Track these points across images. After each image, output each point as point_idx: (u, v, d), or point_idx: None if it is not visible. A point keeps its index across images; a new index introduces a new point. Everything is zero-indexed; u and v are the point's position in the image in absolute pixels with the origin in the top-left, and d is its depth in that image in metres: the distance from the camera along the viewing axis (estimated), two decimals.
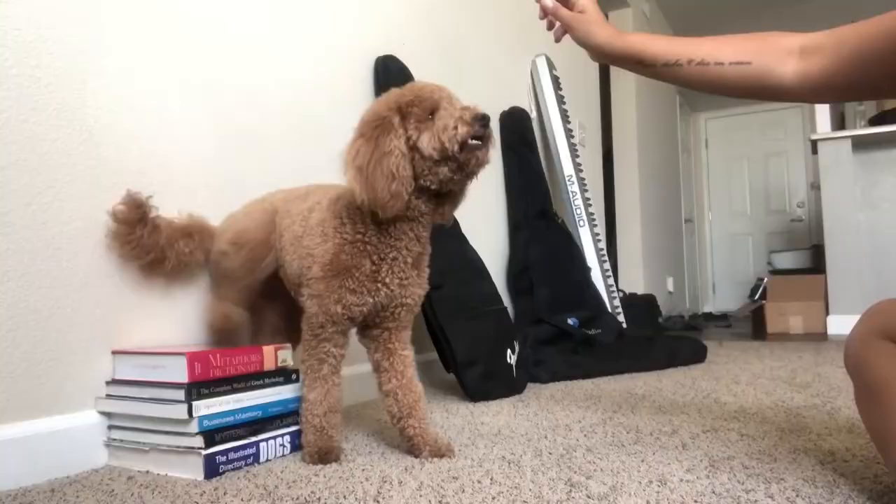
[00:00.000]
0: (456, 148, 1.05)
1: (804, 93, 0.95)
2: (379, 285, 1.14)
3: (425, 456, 1.16)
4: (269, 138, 1.66)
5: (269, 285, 1.37)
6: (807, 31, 0.97)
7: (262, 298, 1.41)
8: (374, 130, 1.07)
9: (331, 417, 1.17)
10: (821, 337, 3.81)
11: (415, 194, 1.10)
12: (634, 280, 4.72)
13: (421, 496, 0.95)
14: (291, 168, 1.71)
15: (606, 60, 1.10)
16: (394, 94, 1.12)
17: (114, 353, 1.25)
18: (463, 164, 1.08)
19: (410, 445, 1.19)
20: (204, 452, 1.09)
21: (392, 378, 1.21)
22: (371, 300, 1.15)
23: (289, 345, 1.35)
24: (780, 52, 0.95)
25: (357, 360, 1.43)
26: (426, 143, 1.07)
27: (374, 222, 1.13)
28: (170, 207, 1.39)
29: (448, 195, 1.16)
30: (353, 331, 1.25)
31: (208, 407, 1.13)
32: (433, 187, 1.11)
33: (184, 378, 1.13)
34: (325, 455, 1.15)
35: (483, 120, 1.06)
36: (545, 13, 1.15)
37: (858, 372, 0.91)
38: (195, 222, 1.38)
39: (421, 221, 1.15)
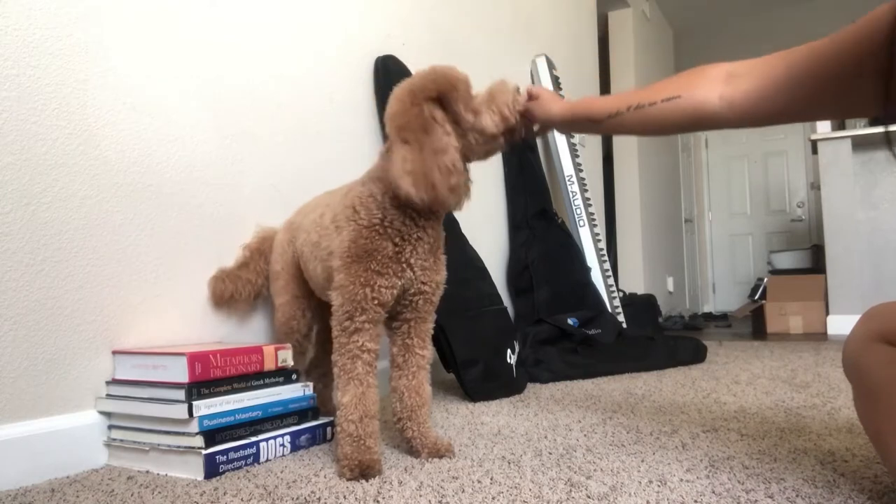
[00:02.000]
0: (518, 117, 1.12)
1: (732, 117, 0.97)
2: (404, 266, 1.13)
3: (424, 457, 1.16)
4: (269, 138, 1.66)
5: None
6: (806, 30, 0.98)
7: None
8: (416, 134, 1.04)
9: (367, 424, 1.09)
10: (821, 337, 3.80)
11: None
12: (634, 280, 4.72)
13: (421, 496, 0.95)
14: (291, 168, 1.71)
15: (567, 128, 1.22)
16: (417, 87, 1.08)
17: (114, 352, 1.25)
18: (517, 132, 1.14)
19: (409, 447, 1.19)
20: (204, 452, 1.09)
21: (403, 376, 1.20)
22: (399, 282, 1.13)
23: (289, 345, 1.35)
24: (708, 81, 0.99)
25: None
26: (489, 122, 1.09)
27: (396, 207, 1.11)
28: (168, 207, 1.39)
29: None
30: None
31: (208, 407, 1.13)
32: (476, 160, 1.15)
33: (184, 378, 1.13)
34: (366, 470, 1.05)
35: (517, 88, 1.14)
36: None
37: (856, 375, 0.91)
38: (261, 237, 1.54)
39: None
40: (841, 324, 3.82)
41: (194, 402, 1.11)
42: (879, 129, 3.85)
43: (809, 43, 0.89)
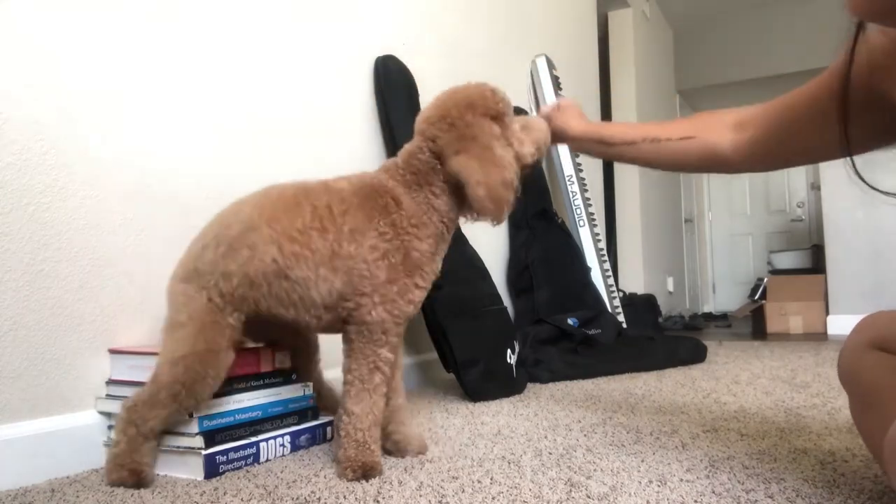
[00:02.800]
0: (544, 153, 1.16)
1: (740, 162, 1.04)
2: (431, 277, 1.13)
3: (411, 456, 1.17)
4: (269, 138, 1.66)
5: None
6: (806, 30, 1.00)
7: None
8: (485, 150, 1.06)
9: (374, 431, 1.10)
10: (821, 337, 3.81)
11: None
12: (634, 280, 4.72)
13: (421, 496, 0.95)
14: (292, 168, 1.71)
15: (579, 146, 1.25)
16: (477, 101, 1.09)
17: (111, 351, 1.25)
18: (538, 165, 1.21)
19: (395, 447, 1.19)
20: (204, 452, 1.09)
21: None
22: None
23: (285, 350, 1.34)
24: (720, 127, 1.05)
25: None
26: (528, 151, 1.14)
27: (444, 221, 1.11)
28: (168, 207, 1.39)
29: None
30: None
31: (208, 407, 1.13)
32: None
33: None
34: (369, 471, 1.05)
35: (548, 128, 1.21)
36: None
37: (852, 382, 0.92)
38: None
39: None
40: (841, 324, 3.82)
41: None
42: None
43: (792, 91, 0.96)
